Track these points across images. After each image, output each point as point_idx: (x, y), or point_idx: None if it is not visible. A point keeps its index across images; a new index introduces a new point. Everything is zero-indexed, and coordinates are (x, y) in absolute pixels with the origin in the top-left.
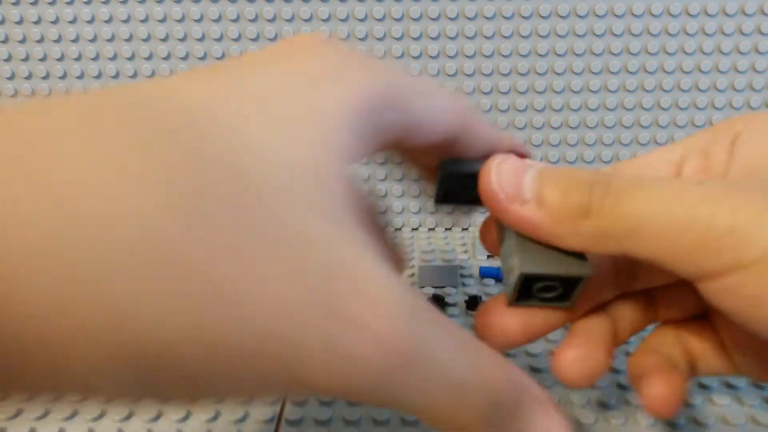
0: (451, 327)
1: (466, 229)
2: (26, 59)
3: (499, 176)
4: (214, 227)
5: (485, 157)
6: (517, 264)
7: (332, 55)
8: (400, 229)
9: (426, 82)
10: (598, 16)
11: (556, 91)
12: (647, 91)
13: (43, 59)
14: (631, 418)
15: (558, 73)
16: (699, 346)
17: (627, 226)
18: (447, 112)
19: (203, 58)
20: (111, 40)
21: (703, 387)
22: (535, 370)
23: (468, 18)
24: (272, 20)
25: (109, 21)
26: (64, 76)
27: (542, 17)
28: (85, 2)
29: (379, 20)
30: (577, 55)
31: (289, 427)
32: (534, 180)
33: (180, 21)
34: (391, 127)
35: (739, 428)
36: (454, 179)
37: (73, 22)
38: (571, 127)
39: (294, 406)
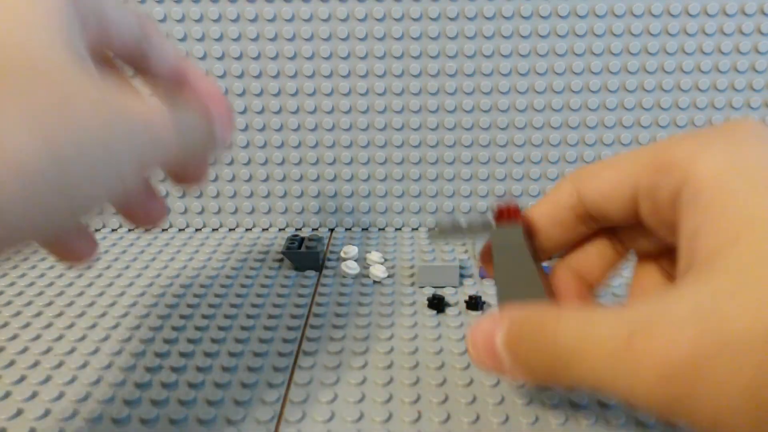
0: None
1: None
2: None
3: (479, 356)
4: None
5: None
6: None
7: None
8: (400, 229)
9: None
10: (598, 16)
11: (556, 91)
12: (647, 91)
13: None
14: (630, 418)
15: (558, 73)
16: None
17: (587, 386)
18: (130, 14)
19: (203, 58)
20: None
21: None
22: None
23: (468, 18)
24: (272, 20)
25: None
26: None
27: (542, 17)
28: None
29: (379, 20)
30: (577, 55)
31: (289, 427)
32: (503, 348)
33: (180, 21)
34: (89, 21)
35: None
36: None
37: None
38: (571, 127)
39: (294, 405)
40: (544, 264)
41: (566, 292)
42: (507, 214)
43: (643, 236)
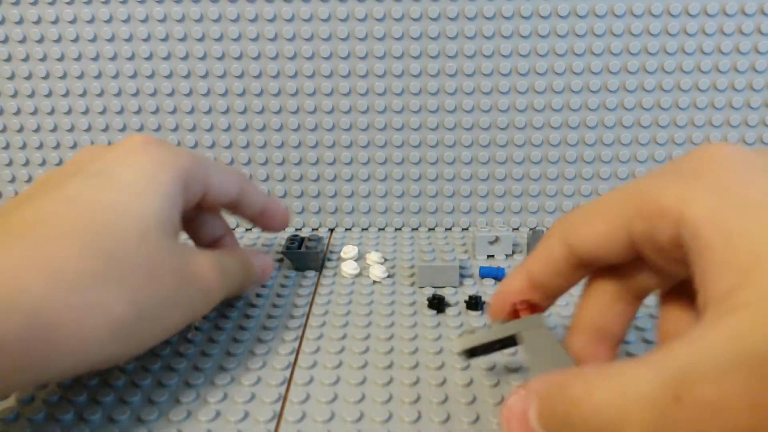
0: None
1: (466, 229)
2: (26, 59)
3: (512, 427)
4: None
5: (262, 214)
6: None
7: (158, 150)
8: (400, 229)
9: (217, 162)
10: (598, 16)
11: (556, 91)
12: (647, 91)
13: (43, 59)
14: None
15: (558, 73)
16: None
17: None
18: (232, 181)
19: (203, 57)
20: (111, 40)
21: None
22: None
23: (468, 18)
24: (272, 20)
25: (109, 21)
26: (64, 76)
27: (542, 17)
28: (85, 2)
29: (379, 20)
30: (577, 55)
31: (289, 427)
32: (538, 427)
33: (180, 21)
34: (195, 190)
35: None
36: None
37: (73, 22)
38: (571, 127)
39: (294, 405)
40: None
41: (587, 358)
42: (530, 309)
43: (649, 270)
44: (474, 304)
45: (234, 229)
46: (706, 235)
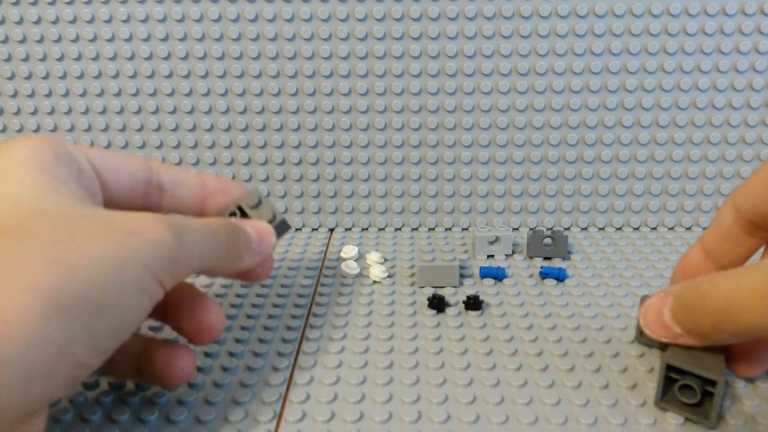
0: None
1: (466, 229)
2: (26, 59)
3: (652, 330)
4: None
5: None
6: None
7: (31, 139)
8: (400, 229)
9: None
10: (598, 16)
11: (556, 91)
12: (647, 91)
13: (43, 59)
14: (631, 419)
15: (558, 73)
16: None
17: (746, 333)
18: (134, 163)
19: (203, 57)
20: (111, 40)
21: None
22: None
23: (468, 18)
24: (272, 20)
25: (109, 21)
26: (64, 76)
27: (542, 17)
28: (85, 2)
29: (379, 20)
30: (577, 55)
31: (289, 427)
32: (671, 321)
33: (180, 21)
34: (81, 163)
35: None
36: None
37: (73, 22)
38: (571, 127)
39: (294, 405)
40: None
41: None
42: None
43: None
44: (473, 304)
45: None
46: None
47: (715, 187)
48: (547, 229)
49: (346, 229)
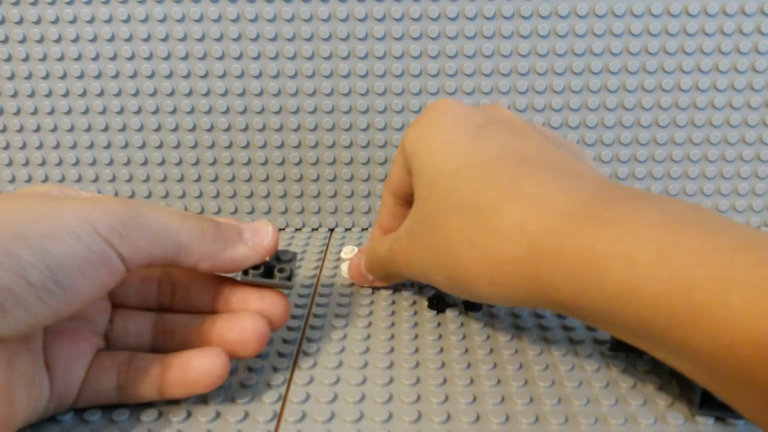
0: None
1: None
2: (26, 59)
3: (356, 279)
4: None
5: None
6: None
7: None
8: None
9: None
10: (598, 16)
11: (556, 91)
12: (647, 91)
13: (43, 59)
14: (631, 419)
15: (558, 73)
16: None
17: (403, 276)
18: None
19: (203, 57)
20: (111, 40)
21: None
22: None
23: (468, 18)
24: (272, 20)
25: (109, 21)
26: (64, 76)
27: (542, 17)
28: (85, 2)
29: (379, 20)
30: (577, 55)
31: (289, 427)
32: (366, 271)
33: (180, 21)
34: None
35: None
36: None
37: (73, 22)
38: (571, 127)
39: (294, 405)
40: None
41: None
42: None
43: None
44: (473, 304)
45: None
46: (411, 161)
47: (715, 187)
48: None
49: (346, 229)
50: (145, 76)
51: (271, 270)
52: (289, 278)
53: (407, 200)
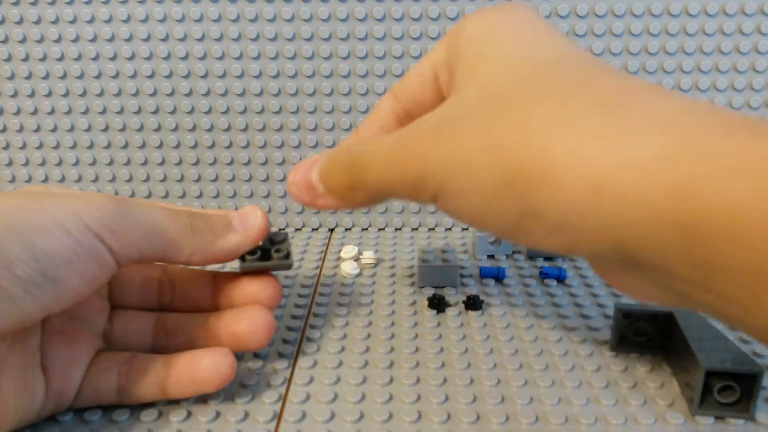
0: None
1: (466, 229)
2: (26, 59)
3: (299, 192)
4: None
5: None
6: (700, 362)
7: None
8: (400, 229)
9: None
10: (598, 16)
11: None
12: None
13: (43, 59)
14: (631, 419)
15: None
16: None
17: (377, 190)
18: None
19: (203, 57)
20: (111, 40)
21: None
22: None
23: None
24: (272, 20)
25: (109, 21)
26: (64, 76)
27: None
28: (85, 2)
29: (379, 20)
30: None
31: (289, 427)
32: (317, 179)
33: (180, 21)
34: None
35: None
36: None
37: (73, 22)
38: None
39: (294, 405)
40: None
41: None
42: None
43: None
44: (472, 304)
45: None
46: (462, 48)
47: None
48: None
49: (346, 229)
50: (145, 76)
51: (268, 252)
52: (287, 257)
53: (409, 113)
